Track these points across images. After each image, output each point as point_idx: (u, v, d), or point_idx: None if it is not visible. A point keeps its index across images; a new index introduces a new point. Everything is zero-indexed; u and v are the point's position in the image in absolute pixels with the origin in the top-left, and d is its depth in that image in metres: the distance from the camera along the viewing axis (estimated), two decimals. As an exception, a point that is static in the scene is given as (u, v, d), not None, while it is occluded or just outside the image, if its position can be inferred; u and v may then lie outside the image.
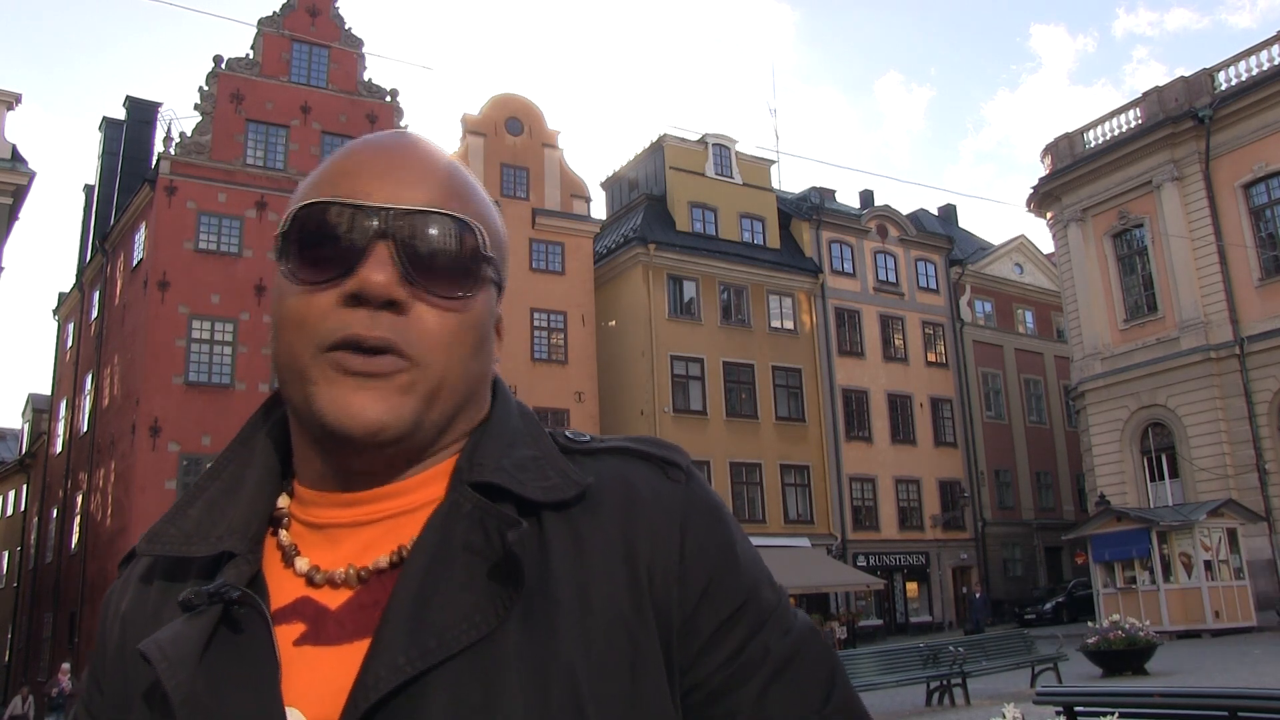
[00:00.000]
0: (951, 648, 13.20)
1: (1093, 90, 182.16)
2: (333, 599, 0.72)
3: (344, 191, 0.72)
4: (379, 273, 0.69)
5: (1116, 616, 15.62)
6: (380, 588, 0.71)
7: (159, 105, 31.90)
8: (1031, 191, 31.30)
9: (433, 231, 0.72)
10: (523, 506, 0.72)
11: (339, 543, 0.75)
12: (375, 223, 0.70)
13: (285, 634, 0.71)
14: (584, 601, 0.69)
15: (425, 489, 0.75)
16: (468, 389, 0.75)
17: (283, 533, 0.77)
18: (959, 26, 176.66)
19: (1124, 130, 28.77)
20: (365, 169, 0.73)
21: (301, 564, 0.74)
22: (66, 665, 20.73)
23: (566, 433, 0.81)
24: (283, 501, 0.78)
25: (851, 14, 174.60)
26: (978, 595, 21.23)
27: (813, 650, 0.76)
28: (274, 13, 27.28)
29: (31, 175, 18.53)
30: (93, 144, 75.16)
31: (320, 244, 0.71)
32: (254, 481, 0.78)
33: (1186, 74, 27.88)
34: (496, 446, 0.75)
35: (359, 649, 0.68)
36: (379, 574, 0.72)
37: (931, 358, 36.66)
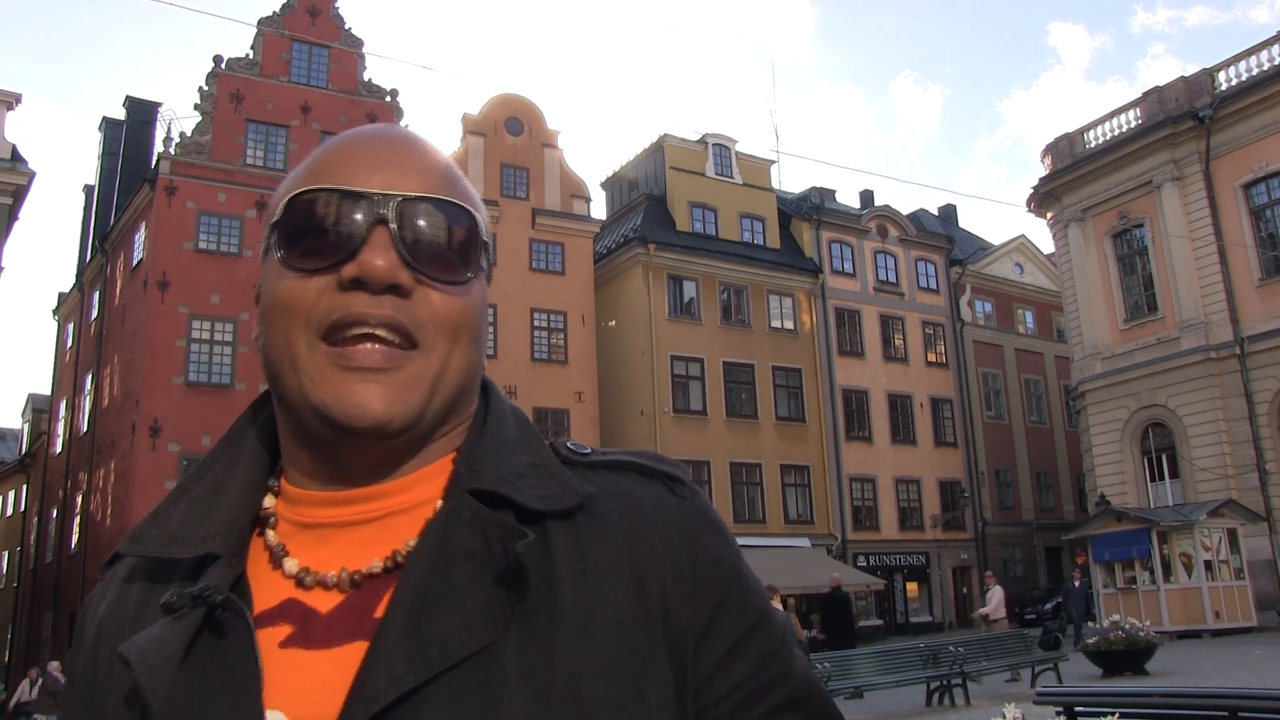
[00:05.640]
0: (951, 648, 13.20)
1: (1106, 87, 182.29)
2: (322, 601, 0.71)
3: (339, 179, 0.71)
4: (380, 257, 0.68)
5: (1116, 616, 15.63)
6: (373, 592, 0.70)
7: (159, 105, 31.94)
8: (1032, 191, 31.30)
9: (431, 217, 0.71)
10: (521, 515, 0.71)
11: (329, 543, 0.73)
12: (374, 209, 0.70)
13: (271, 636, 0.69)
14: (588, 614, 0.68)
15: (418, 489, 0.74)
16: (466, 379, 0.75)
17: (270, 533, 0.75)
18: (978, 25, 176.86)
19: (1124, 130, 28.78)
20: (359, 158, 0.72)
21: (290, 565, 0.73)
22: (55, 664, 20.66)
23: (568, 444, 0.80)
24: (269, 501, 0.77)
25: (872, 11, 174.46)
26: (1076, 584, 20.32)
27: (821, 689, 0.78)
28: (274, 13, 27.28)
29: (31, 175, 18.54)
30: (93, 144, 75.21)
31: (317, 231, 0.70)
32: (240, 481, 0.77)
33: (1187, 74, 27.93)
34: (494, 452, 0.74)
35: (349, 653, 0.67)
36: (371, 578, 0.71)
37: (931, 358, 36.66)
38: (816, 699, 0.77)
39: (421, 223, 0.71)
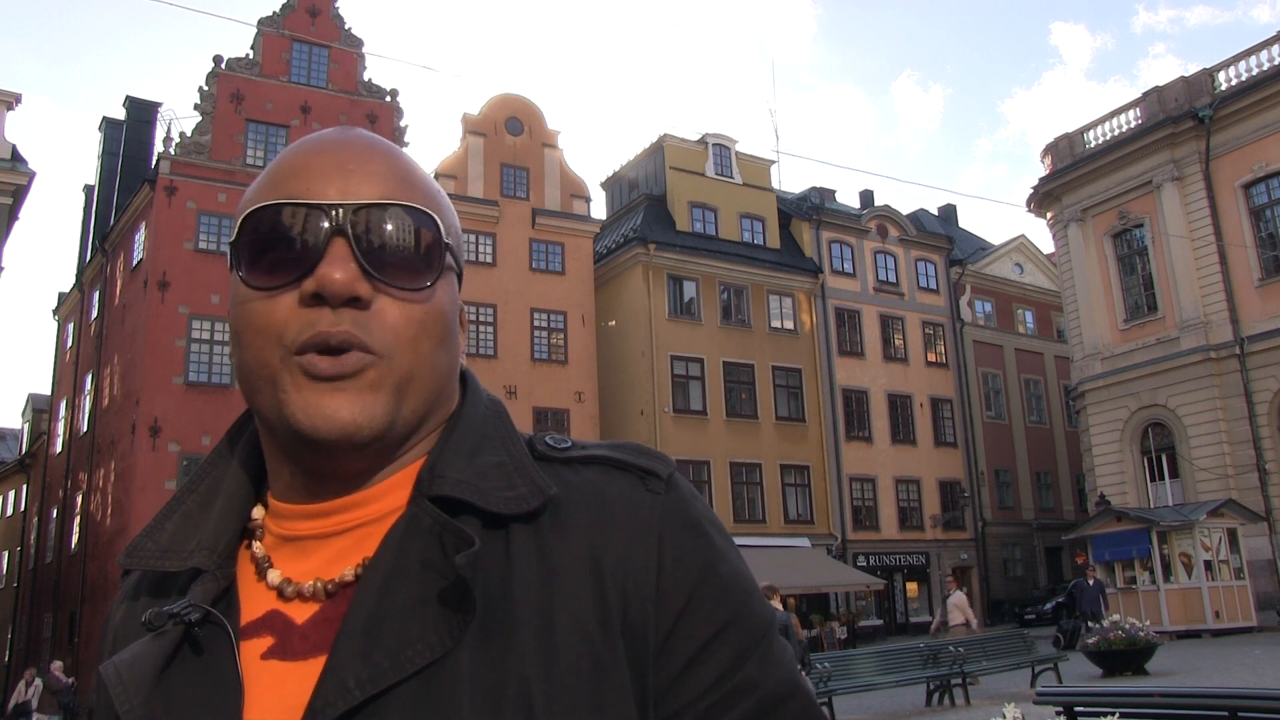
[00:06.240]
0: (951, 648, 13.20)
1: (1107, 87, 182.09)
2: (300, 612, 0.71)
3: (294, 191, 0.70)
4: (338, 270, 0.67)
5: (1117, 616, 15.63)
6: (345, 602, 0.69)
7: (159, 105, 31.98)
8: (1032, 191, 31.31)
9: (389, 224, 0.70)
10: (488, 518, 0.69)
11: (309, 555, 0.73)
12: (330, 220, 0.69)
13: (254, 648, 0.70)
14: (546, 619, 0.66)
15: (389, 497, 0.73)
16: (436, 383, 0.73)
17: (256, 545, 0.75)
18: (980, 24, 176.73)
19: (1124, 130, 28.78)
20: (313, 167, 0.71)
21: (273, 576, 0.73)
22: (58, 663, 20.62)
23: (548, 439, 0.78)
24: (257, 513, 0.77)
25: (874, 10, 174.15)
26: (1090, 582, 19.93)
27: (804, 694, 0.72)
28: (274, 13, 27.28)
29: (31, 175, 18.55)
30: (93, 144, 75.27)
31: (275, 247, 0.69)
32: (227, 494, 0.78)
33: (1187, 74, 27.93)
34: (460, 453, 0.73)
35: (319, 665, 0.66)
36: (344, 587, 0.70)
37: (931, 358, 36.67)
38: (793, 705, 0.71)
39: (381, 229, 0.70)
